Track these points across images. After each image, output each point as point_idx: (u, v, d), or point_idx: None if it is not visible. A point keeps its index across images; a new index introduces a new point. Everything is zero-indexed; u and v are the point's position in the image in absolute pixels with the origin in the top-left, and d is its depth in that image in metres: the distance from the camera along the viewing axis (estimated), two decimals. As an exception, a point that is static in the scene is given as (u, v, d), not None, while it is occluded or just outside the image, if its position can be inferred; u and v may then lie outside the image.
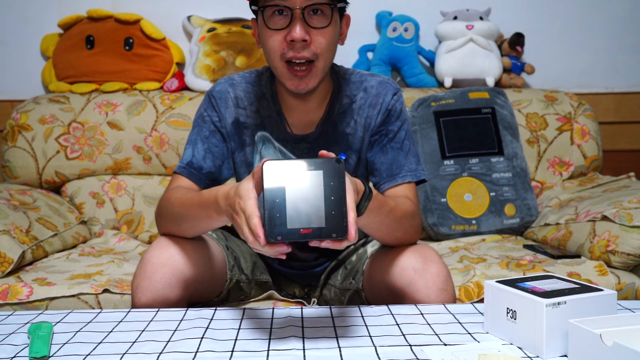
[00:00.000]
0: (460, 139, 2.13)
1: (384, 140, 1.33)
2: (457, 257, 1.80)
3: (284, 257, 0.92)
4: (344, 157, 0.92)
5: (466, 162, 2.11)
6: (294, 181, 0.89)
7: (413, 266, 1.18)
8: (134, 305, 1.20)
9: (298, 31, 1.17)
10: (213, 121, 1.34)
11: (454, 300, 1.21)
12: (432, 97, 2.20)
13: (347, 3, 1.24)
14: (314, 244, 0.89)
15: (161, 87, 2.28)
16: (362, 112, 1.34)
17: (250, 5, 1.24)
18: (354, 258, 1.42)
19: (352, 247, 1.45)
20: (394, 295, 1.21)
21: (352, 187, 0.94)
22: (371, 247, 1.38)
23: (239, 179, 1.40)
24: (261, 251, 0.92)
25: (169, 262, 1.19)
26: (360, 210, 1.05)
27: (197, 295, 1.26)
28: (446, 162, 2.11)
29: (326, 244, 0.89)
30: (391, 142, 1.33)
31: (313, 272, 1.49)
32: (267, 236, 0.88)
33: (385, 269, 1.23)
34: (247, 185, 0.96)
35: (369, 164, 1.36)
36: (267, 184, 0.89)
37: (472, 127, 2.14)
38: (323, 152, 0.96)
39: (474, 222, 2.05)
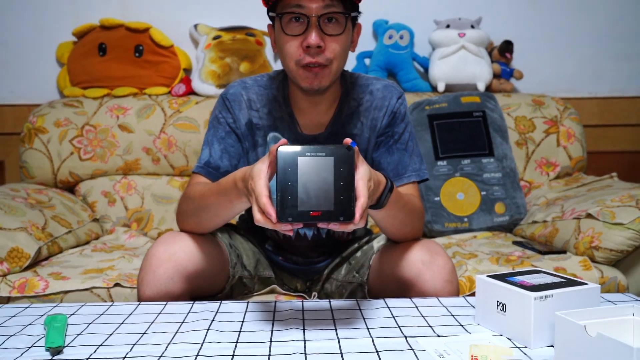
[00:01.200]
0: (453, 141, 2.14)
1: (390, 141, 1.34)
2: (450, 253, 1.80)
3: (291, 234, 0.92)
4: (354, 145, 0.93)
5: (458, 163, 2.12)
6: (306, 166, 0.90)
7: (421, 259, 1.19)
8: (139, 298, 1.20)
9: (314, 38, 1.17)
10: (228, 122, 1.34)
11: (458, 291, 1.22)
12: (426, 101, 2.20)
13: (359, 13, 1.24)
14: (322, 225, 0.90)
15: (169, 92, 2.27)
16: (368, 114, 1.34)
17: (268, 12, 1.24)
18: (358, 254, 1.42)
19: (357, 245, 1.45)
20: (402, 287, 1.21)
21: (369, 176, 0.95)
22: (377, 243, 1.38)
23: None
24: (268, 226, 0.92)
25: (173, 257, 1.19)
26: (382, 202, 1.06)
27: (199, 289, 1.26)
28: (439, 162, 2.11)
29: (333, 226, 0.90)
30: (397, 144, 1.33)
31: (315, 267, 1.49)
32: (278, 217, 0.89)
33: (394, 261, 1.23)
34: (261, 166, 0.96)
35: (375, 163, 1.36)
36: (281, 167, 0.90)
37: (464, 130, 2.15)
38: (347, 139, 0.96)
39: (466, 219, 2.05)
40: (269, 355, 0.90)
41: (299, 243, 1.44)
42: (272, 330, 0.99)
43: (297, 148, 0.90)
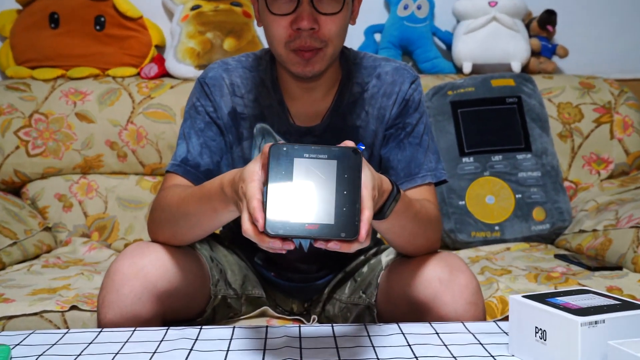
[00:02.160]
0: (481, 133, 2.13)
1: (401, 134, 1.34)
2: (478, 268, 1.80)
3: (283, 252, 0.91)
4: (362, 148, 0.93)
5: (488, 160, 2.11)
6: (303, 169, 0.91)
7: (438, 277, 1.19)
8: (100, 323, 1.20)
9: (305, 19, 1.18)
10: (207, 112, 1.35)
11: (484, 316, 1.22)
12: (449, 85, 2.20)
13: None
14: (319, 244, 0.90)
15: (138, 74, 2.28)
16: (374, 102, 1.35)
17: None
18: (365, 270, 1.42)
19: (363, 257, 1.46)
20: (416, 311, 1.21)
21: (372, 183, 0.95)
22: (386, 257, 1.38)
23: None
24: (256, 241, 0.92)
25: (141, 273, 1.19)
26: (384, 212, 1.06)
27: (173, 312, 1.26)
28: (465, 159, 2.11)
29: (333, 246, 0.89)
30: (409, 137, 1.34)
31: (314, 285, 1.49)
32: (267, 228, 0.89)
33: (405, 280, 1.23)
34: (253, 167, 0.96)
35: (384, 161, 1.36)
36: (273, 169, 0.90)
37: (495, 120, 2.14)
38: (346, 142, 0.96)
39: (497, 228, 2.05)
40: (259, 392, 0.89)
41: (294, 256, 1.44)
42: (262, 362, 0.99)
43: (293, 147, 0.91)
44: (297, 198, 0.90)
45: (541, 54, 2.40)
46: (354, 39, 2.38)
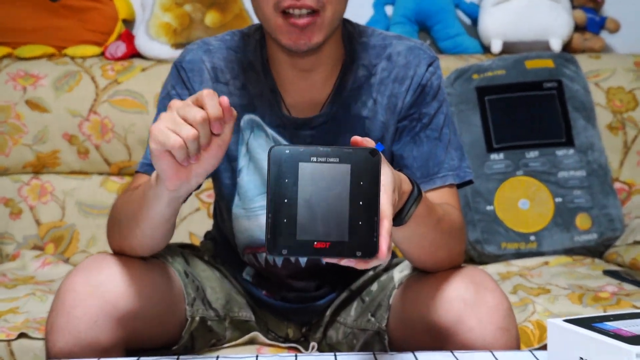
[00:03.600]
0: (514, 125, 2.13)
1: (417, 127, 1.35)
2: (510, 286, 1.80)
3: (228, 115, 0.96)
4: (381, 149, 0.93)
5: (521, 156, 2.11)
6: (311, 176, 0.91)
7: (462, 297, 1.19)
8: (49, 353, 1.19)
9: None
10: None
11: (517, 343, 1.21)
12: (475, 67, 2.20)
13: None
14: (330, 260, 0.91)
15: (102, 53, 2.28)
16: (384, 89, 1.36)
17: None
18: (374, 288, 1.42)
19: (372, 272, 1.46)
20: (436, 337, 1.21)
21: (393, 185, 0.96)
22: (399, 273, 1.37)
23: (219, 179, 1.42)
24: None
25: (97, 291, 1.18)
26: (403, 217, 1.07)
27: (139, 338, 1.26)
28: (493, 156, 2.11)
29: (347, 263, 0.91)
30: (426, 130, 1.34)
31: (314, 306, 1.49)
32: (269, 248, 0.90)
33: (423, 301, 1.23)
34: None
35: (396, 159, 1.37)
36: (274, 176, 0.90)
37: (530, 108, 2.14)
38: (357, 138, 0.97)
39: (532, 238, 2.05)
40: None
41: (288, 271, 1.44)
42: (250, 400, 0.99)
43: (298, 149, 0.91)
44: (304, 211, 0.90)
45: (587, 29, 2.40)
46: (361, 12, 2.38)
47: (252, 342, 1.44)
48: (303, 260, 1.42)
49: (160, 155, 1.02)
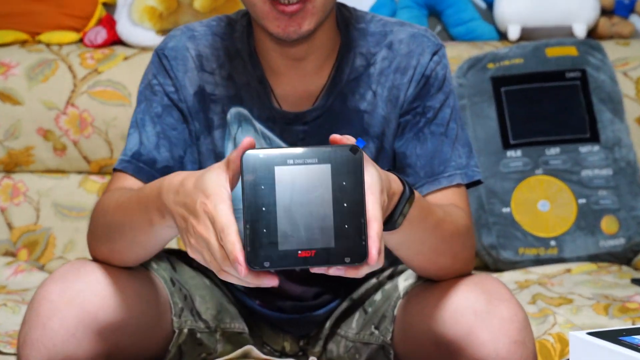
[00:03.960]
0: (532, 119, 2.13)
1: (420, 122, 1.35)
2: (528, 296, 1.80)
3: (275, 285, 0.93)
4: (362, 145, 0.92)
5: (541, 153, 2.11)
6: (289, 180, 0.91)
7: (473, 307, 1.18)
8: (22, 369, 1.19)
9: None
10: (167, 92, 1.37)
11: (535, 359, 1.21)
12: (490, 55, 2.20)
13: None
14: (317, 270, 0.91)
15: (80, 40, 2.29)
16: (384, 80, 1.36)
17: None
18: (377, 297, 1.42)
19: (375, 280, 1.45)
20: (444, 352, 1.21)
21: (380, 185, 0.96)
22: (404, 281, 1.38)
23: None
24: (234, 281, 0.94)
25: (75, 300, 1.17)
26: (395, 220, 1.06)
27: (122, 352, 1.25)
28: (510, 153, 2.11)
29: (336, 272, 0.91)
30: (430, 125, 1.35)
31: (312, 316, 1.49)
32: (248, 262, 0.90)
33: (430, 312, 1.23)
34: (218, 178, 0.97)
35: (398, 157, 1.37)
36: (249, 185, 0.90)
37: (551, 101, 2.13)
38: (335, 136, 0.97)
39: (553, 243, 2.05)
40: None
41: (284, 279, 1.44)
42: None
43: (272, 152, 0.92)
44: (285, 219, 0.90)
45: (614, 12, 2.40)
46: (363, -3, 2.40)
47: (245, 356, 1.43)
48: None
49: None
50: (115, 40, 2.27)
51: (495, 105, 2.13)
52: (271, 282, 0.93)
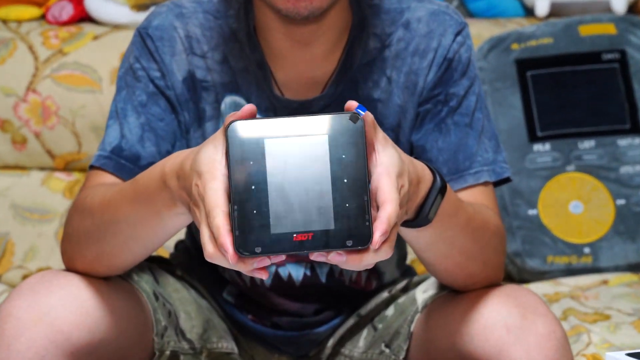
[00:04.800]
0: (563, 107, 2.14)
1: (442, 111, 1.36)
2: (559, 311, 1.80)
3: (264, 277, 0.92)
4: (363, 112, 0.93)
5: (573, 147, 2.12)
6: (281, 155, 0.91)
7: (505, 322, 1.18)
8: (-17, 397, 1.18)
9: None
10: (152, 78, 1.37)
11: None
12: (515, 34, 2.21)
13: None
14: (316, 257, 0.91)
15: (43, 17, 2.28)
16: (401, 64, 1.37)
17: None
18: (389, 312, 1.43)
19: (387, 294, 1.46)
20: None
21: (399, 167, 0.95)
22: (423, 293, 1.38)
23: None
24: (228, 266, 0.93)
25: (46, 318, 1.17)
26: (426, 214, 1.07)
27: None
28: (537, 146, 2.13)
29: (336, 258, 0.90)
30: (454, 115, 1.36)
31: (312, 333, 1.50)
32: (237, 247, 0.89)
33: (454, 327, 1.23)
34: (213, 152, 0.96)
35: (417, 151, 1.38)
36: (236, 159, 0.91)
37: (585, 86, 2.15)
38: (351, 102, 0.96)
39: (587, 250, 2.06)
40: None
41: (280, 290, 1.45)
42: None
43: (261, 123, 0.92)
44: (276, 198, 0.90)
45: None
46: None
47: (233, 380, 1.44)
48: (298, 276, 1.43)
49: None
50: (83, 17, 2.27)
51: (520, 92, 2.15)
52: (261, 274, 0.92)
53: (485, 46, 2.19)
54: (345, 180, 0.90)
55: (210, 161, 0.96)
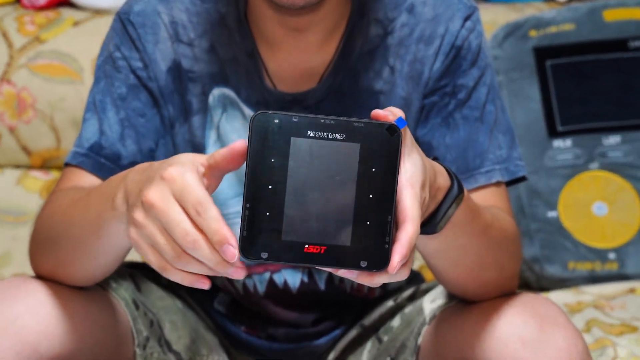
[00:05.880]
0: (586, 100, 2.14)
1: (450, 104, 1.37)
2: (581, 322, 1.81)
3: (241, 277, 0.91)
4: (403, 125, 0.91)
5: (597, 143, 2.13)
6: (306, 156, 0.90)
7: (520, 335, 1.18)
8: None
9: None
10: (133, 68, 1.38)
11: None
12: (532, 20, 2.21)
13: None
14: (325, 269, 0.91)
15: (18, 1, 2.30)
16: (405, 52, 1.38)
17: None
18: (395, 323, 1.44)
19: (393, 302, 1.47)
20: None
21: (422, 177, 0.94)
22: (431, 303, 1.38)
23: None
24: (183, 281, 0.94)
25: (12, 327, 1.17)
26: (437, 223, 1.06)
27: None
28: (558, 142, 2.13)
29: (346, 274, 0.89)
30: (463, 109, 1.36)
31: (311, 346, 1.51)
32: (244, 251, 0.89)
33: (465, 340, 1.23)
34: (194, 158, 0.93)
35: (422, 148, 1.36)
36: (255, 154, 0.90)
37: (610, 77, 2.14)
38: (378, 111, 0.93)
39: (612, 256, 2.06)
40: None
41: (277, 299, 1.46)
42: None
43: (291, 118, 0.91)
44: (293, 202, 0.90)
45: None
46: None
47: (225, 396, 1.45)
48: (295, 283, 1.44)
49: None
50: (61, 1, 2.28)
51: (539, 83, 2.15)
52: (237, 273, 0.90)
53: (500, 33, 2.19)
54: (371, 196, 0.90)
55: (189, 160, 0.92)
